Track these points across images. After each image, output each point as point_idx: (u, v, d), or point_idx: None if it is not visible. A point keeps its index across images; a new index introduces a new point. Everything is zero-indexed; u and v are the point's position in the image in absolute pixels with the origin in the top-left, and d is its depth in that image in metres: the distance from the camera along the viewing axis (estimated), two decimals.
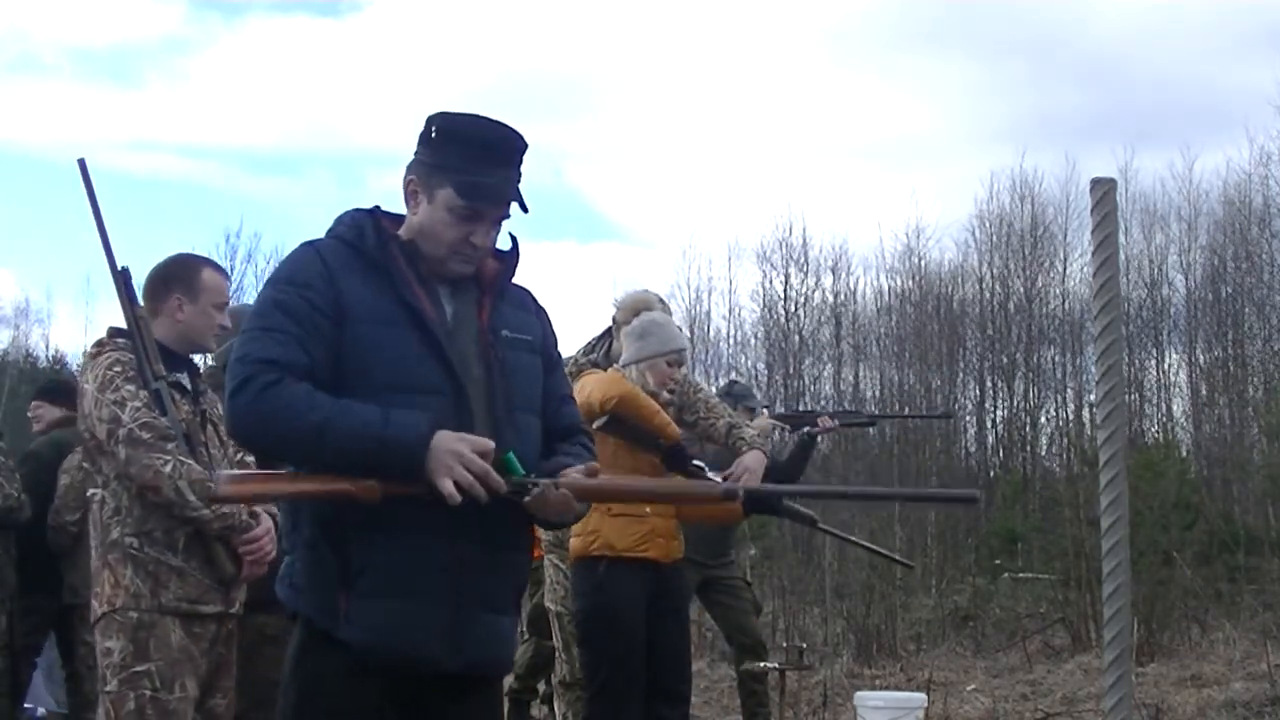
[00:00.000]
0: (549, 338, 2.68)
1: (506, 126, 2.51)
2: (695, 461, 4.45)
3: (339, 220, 2.56)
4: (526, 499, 2.41)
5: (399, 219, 2.57)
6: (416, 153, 2.52)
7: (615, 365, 4.56)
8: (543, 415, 2.59)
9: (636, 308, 4.57)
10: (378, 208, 2.58)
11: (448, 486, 2.30)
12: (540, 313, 2.70)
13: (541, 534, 4.45)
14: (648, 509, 4.31)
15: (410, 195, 2.52)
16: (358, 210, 2.56)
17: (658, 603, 4.38)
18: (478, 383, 2.46)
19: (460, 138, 2.47)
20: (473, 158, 2.45)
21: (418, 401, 2.38)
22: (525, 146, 2.52)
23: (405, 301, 2.44)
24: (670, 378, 4.47)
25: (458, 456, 2.31)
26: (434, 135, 2.49)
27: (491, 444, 2.36)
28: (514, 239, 2.63)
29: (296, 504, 2.47)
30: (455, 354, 2.45)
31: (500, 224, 2.53)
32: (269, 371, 2.34)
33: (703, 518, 4.63)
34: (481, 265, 2.56)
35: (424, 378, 2.41)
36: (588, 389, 4.28)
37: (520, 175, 2.52)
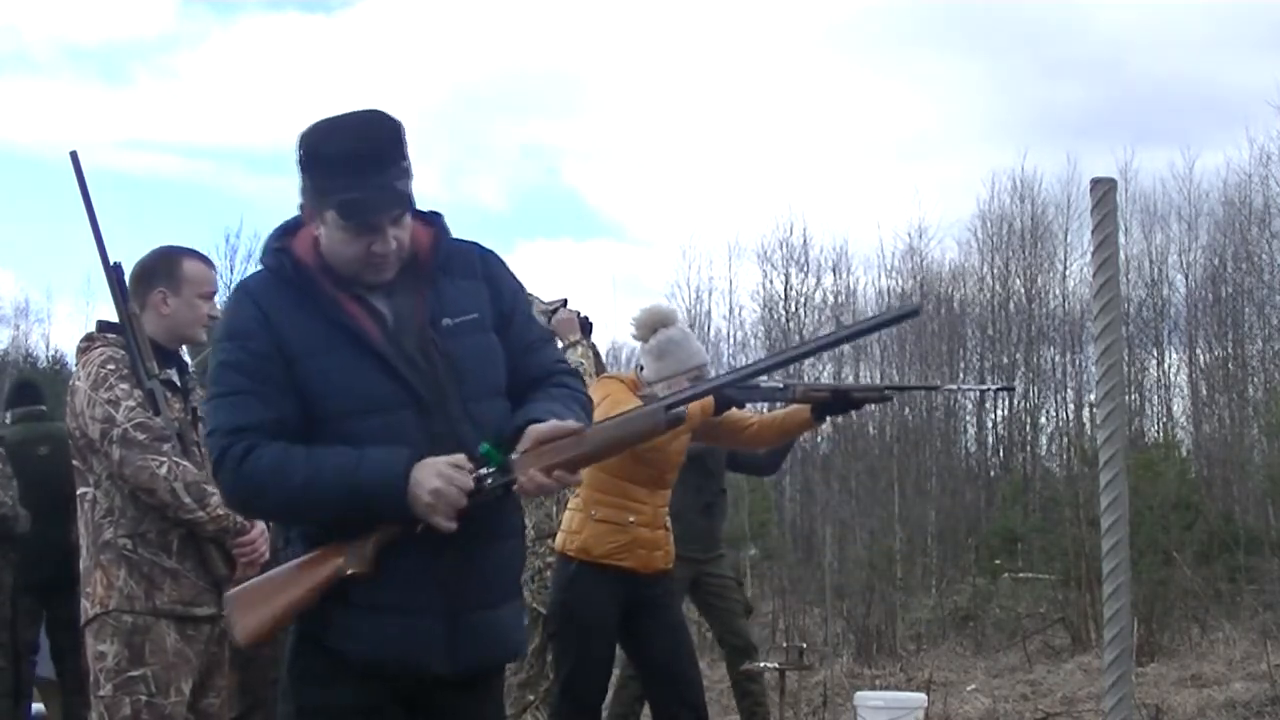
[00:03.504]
0: (502, 291, 2.55)
1: (370, 128, 2.37)
2: None
3: (265, 247, 2.50)
4: (515, 486, 2.38)
5: None
6: (300, 177, 2.42)
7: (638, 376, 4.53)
8: (511, 374, 2.51)
9: (653, 324, 4.52)
10: (288, 231, 2.49)
11: (443, 524, 2.30)
12: (490, 270, 2.56)
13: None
14: (632, 518, 4.31)
15: (308, 219, 2.43)
16: (273, 236, 2.50)
17: (640, 613, 4.37)
18: (429, 385, 2.41)
19: (325, 158, 2.35)
20: (344, 174, 2.33)
21: (380, 422, 2.36)
22: (397, 139, 2.37)
23: (340, 324, 2.40)
24: None
25: (442, 482, 2.30)
26: (302, 160, 2.39)
27: (463, 457, 2.33)
28: (435, 213, 2.52)
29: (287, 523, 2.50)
30: (403, 363, 2.40)
31: (401, 221, 2.41)
32: (239, 440, 2.35)
33: (779, 437, 4.61)
34: (416, 246, 2.47)
35: (379, 397, 2.38)
36: (603, 412, 4.26)
37: (403, 169, 2.37)
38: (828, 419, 4.49)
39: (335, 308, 2.40)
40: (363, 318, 2.42)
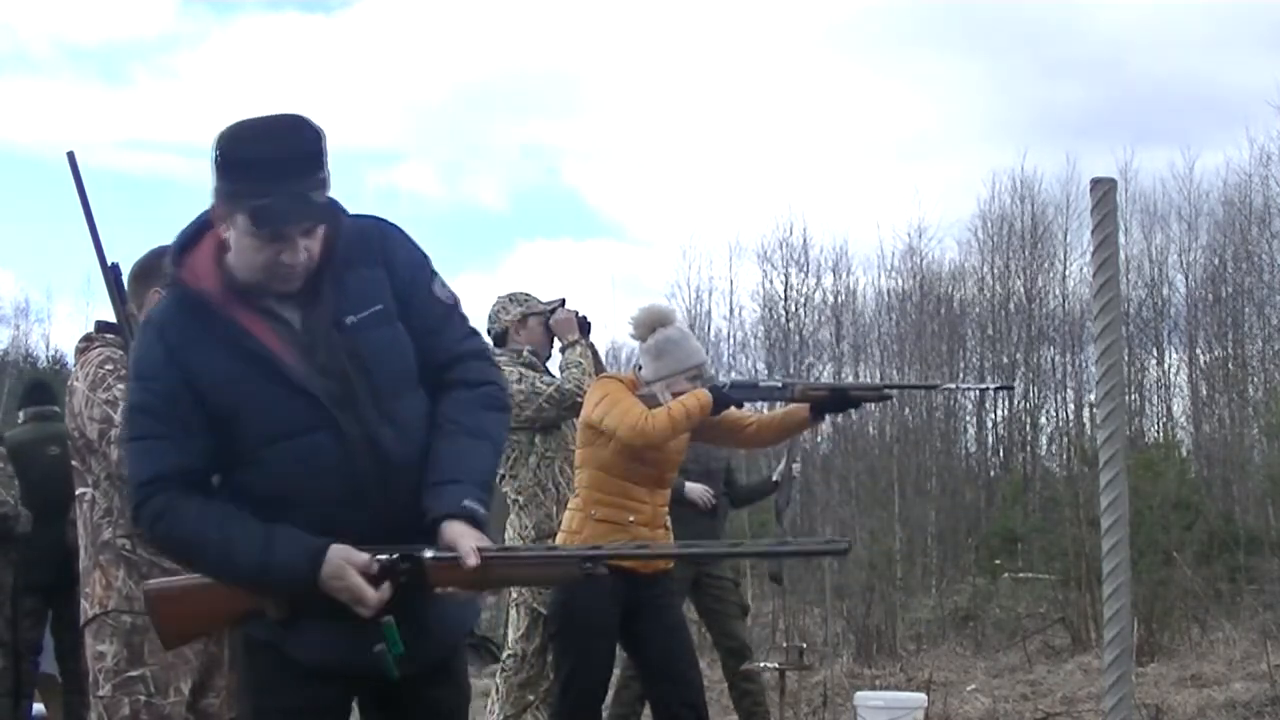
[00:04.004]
0: (398, 272, 2.46)
1: (290, 135, 2.30)
2: None
3: (166, 270, 2.45)
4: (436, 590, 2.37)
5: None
6: (214, 178, 2.35)
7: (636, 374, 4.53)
8: (421, 367, 2.46)
9: (651, 323, 4.50)
10: (186, 245, 2.42)
11: (367, 613, 2.31)
12: (389, 253, 2.47)
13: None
14: (632, 518, 4.30)
15: (218, 220, 2.37)
16: (171, 257, 2.43)
17: (641, 614, 4.37)
18: (342, 393, 2.36)
19: (241, 162, 2.29)
20: (259, 180, 2.26)
21: (295, 446, 2.33)
22: (317, 148, 2.31)
23: (248, 350, 2.35)
24: None
25: (349, 597, 2.30)
26: (218, 162, 2.31)
27: (367, 560, 2.30)
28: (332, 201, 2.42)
29: None
30: (316, 380, 2.35)
31: (313, 233, 2.33)
32: (153, 495, 2.34)
33: (778, 435, 4.62)
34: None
35: (294, 423, 2.34)
36: (602, 411, 4.27)
37: (319, 180, 2.31)
38: (827, 418, 4.50)
39: (241, 334, 2.35)
40: (270, 337, 2.36)
